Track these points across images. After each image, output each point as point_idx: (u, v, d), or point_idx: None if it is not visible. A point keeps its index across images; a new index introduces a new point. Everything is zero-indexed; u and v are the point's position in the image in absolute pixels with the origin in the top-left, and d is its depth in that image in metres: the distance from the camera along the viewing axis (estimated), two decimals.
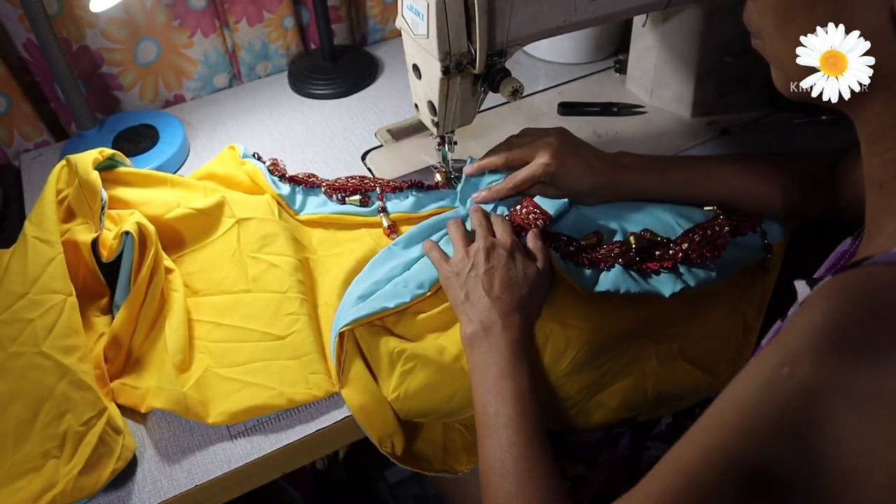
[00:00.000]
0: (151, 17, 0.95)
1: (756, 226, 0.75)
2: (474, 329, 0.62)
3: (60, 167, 0.75)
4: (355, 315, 0.65)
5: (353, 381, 0.64)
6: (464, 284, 0.65)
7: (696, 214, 0.75)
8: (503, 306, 0.63)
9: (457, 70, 0.68)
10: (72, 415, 0.59)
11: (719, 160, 0.77)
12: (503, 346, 0.61)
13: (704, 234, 0.72)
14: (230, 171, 0.83)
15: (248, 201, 0.78)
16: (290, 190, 0.82)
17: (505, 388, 0.58)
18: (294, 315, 0.68)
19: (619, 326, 0.67)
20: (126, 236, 0.67)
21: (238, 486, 0.62)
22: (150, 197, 0.77)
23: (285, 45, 1.08)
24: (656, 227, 0.74)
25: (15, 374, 0.60)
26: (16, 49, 0.91)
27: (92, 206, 0.72)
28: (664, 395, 0.70)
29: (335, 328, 0.66)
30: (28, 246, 0.67)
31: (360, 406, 0.63)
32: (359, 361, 0.66)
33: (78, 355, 0.62)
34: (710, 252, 0.71)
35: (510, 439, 0.55)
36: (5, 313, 0.63)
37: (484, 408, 0.58)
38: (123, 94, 1.00)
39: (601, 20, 0.75)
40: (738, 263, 0.72)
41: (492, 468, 0.55)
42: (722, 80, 0.91)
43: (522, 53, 1.10)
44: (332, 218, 0.80)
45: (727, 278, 0.71)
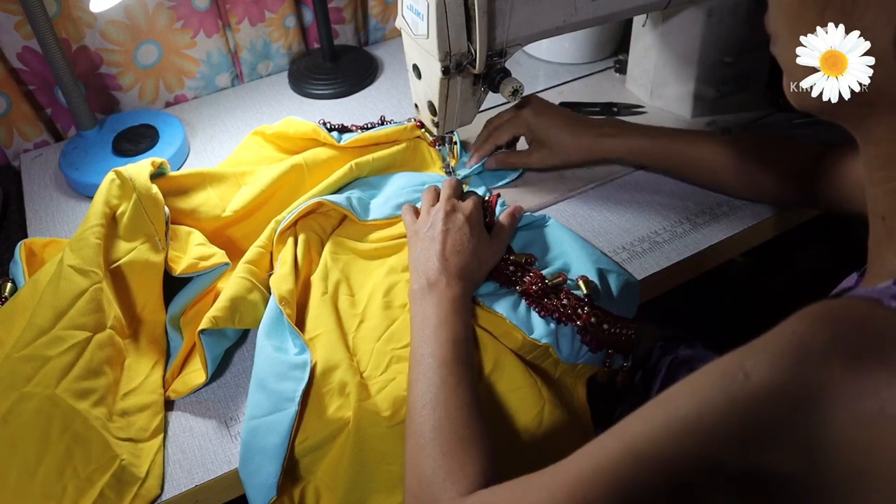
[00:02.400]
0: (153, 20, 0.95)
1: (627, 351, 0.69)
2: (420, 285, 0.65)
3: (109, 182, 0.70)
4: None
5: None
6: (420, 241, 0.69)
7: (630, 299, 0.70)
8: (450, 268, 0.66)
9: (457, 70, 0.68)
10: (71, 469, 0.56)
11: (711, 135, 0.79)
12: (444, 300, 0.63)
13: (608, 328, 0.67)
14: (258, 151, 0.86)
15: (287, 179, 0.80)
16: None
17: (441, 334, 0.61)
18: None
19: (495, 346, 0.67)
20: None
21: (238, 486, 0.62)
22: (197, 203, 0.76)
23: (287, 44, 1.08)
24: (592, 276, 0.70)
25: (22, 418, 0.56)
26: (8, 62, 0.90)
27: (155, 224, 0.69)
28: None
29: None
30: (62, 276, 0.63)
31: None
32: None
33: (93, 399, 0.59)
34: (593, 342, 0.66)
35: (443, 378, 0.57)
36: (27, 349, 0.59)
37: (419, 350, 0.60)
38: (122, 95, 1.00)
39: (601, 20, 0.75)
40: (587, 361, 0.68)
41: (421, 403, 0.57)
42: (722, 80, 0.91)
43: (522, 53, 1.10)
44: (370, 137, 0.85)
45: (569, 366, 0.67)
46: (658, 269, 0.73)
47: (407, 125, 0.87)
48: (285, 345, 0.65)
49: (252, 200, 0.77)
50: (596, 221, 0.79)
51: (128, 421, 0.61)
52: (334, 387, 0.62)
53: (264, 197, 0.78)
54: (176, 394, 0.64)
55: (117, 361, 0.63)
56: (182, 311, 0.69)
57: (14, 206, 0.89)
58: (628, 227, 0.78)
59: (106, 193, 0.69)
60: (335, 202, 0.76)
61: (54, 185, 0.90)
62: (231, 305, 0.66)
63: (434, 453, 0.53)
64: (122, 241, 0.68)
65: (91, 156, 0.89)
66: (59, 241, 0.76)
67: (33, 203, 0.87)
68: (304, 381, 0.61)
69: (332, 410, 0.61)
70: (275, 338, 0.65)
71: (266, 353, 0.64)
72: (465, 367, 0.59)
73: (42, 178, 0.91)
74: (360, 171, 0.82)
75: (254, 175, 0.80)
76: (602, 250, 0.75)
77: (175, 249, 0.71)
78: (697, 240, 0.76)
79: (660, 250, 0.76)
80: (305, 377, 0.61)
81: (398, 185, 0.82)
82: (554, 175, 0.85)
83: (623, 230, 0.78)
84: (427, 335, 0.61)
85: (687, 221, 0.79)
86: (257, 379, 0.63)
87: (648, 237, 0.77)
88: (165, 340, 0.68)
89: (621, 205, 0.81)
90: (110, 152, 0.89)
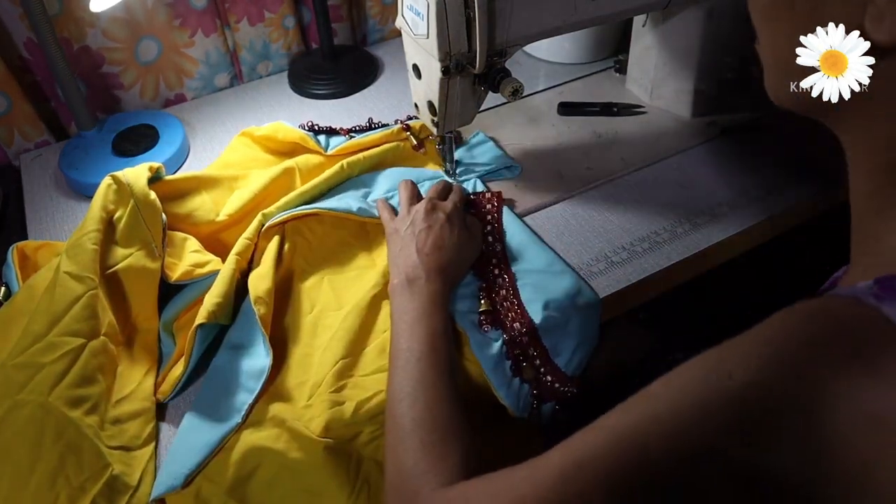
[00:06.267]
0: (152, 16, 0.95)
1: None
2: (400, 280, 0.66)
3: (106, 187, 0.69)
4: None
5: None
6: (400, 239, 0.70)
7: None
8: (430, 264, 0.66)
9: (457, 70, 0.68)
10: (64, 478, 0.55)
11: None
12: (423, 295, 0.64)
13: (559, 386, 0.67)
14: (246, 151, 0.86)
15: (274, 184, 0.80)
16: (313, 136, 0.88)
17: (420, 328, 0.61)
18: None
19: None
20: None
21: None
22: (192, 208, 0.76)
23: (286, 44, 1.08)
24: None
25: (15, 426, 0.56)
26: (17, 48, 0.91)
27: (152, 230, 0.69)
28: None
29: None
30: (58, 282, 0.62)
31: None
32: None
33: (86, 407, 0.58)
34: (546, 394, 0.67)
35: (422, 371, 0.58)
36: (21, 356, 0.59)
37: (397, 344, 0.61)
38: (124, 93, 1.00)
39: (601, 20, 0.75)
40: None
41: (400, 396, 0.56)
42: (722, 81, 0.91)
43: (522, 53, 1.10)
44: (357, 144, 0.85)
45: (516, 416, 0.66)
46: (658, 269, 0.73)
47: (394, 129, 0.88)
48: (251, 347, 0.66)
49: (245, 204, 0.77)
50: (596, 221, 0.79)
51: (120, 429, 0.60)
52: (276, 414, 0.61)
53: (257, 201, 0.78)
54: (163, 395, 0.64)
55: (110, 369, 0.63)
56: (175, 317, 0.68)
57: (14, 207, 0.89)
58: (628, 227, 0.78)
59: (103, 198, 0.69)
60: (334, 209, 0.75)
61: (54, 185, 0.90)
62: (225, 302, 0.66)
63: (414, 446, 0.53)
64: (118, 247, 0.68)
65: (91, 156, 0.89)
66: (51, 244, 0.76)
67: (33, 203, 0.87)
68: (255, 394, 0.62)
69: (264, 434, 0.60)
70: (242, 336, 0.66)
71: (228, 352, 0.65)
72: (444, 361, 0.59)
73: (42, 178, 0.91)
74: (352, 171, 0.82)
75: (247, 179, 0.80)
76: (602, 250, 0.75)
77: (171, 256, 0.70)
78: (697, 240, 0.76)
79: (660, 250, 0.76)
80: (258, 388, 0.62)
81: (393, 182, 0.82)
82: (554, 175, 0.85)
83: (623, 230, 0.78)
84: (406, 329, 0.61)
85: (687, 221, 0.79)
86: (214, 371, 0.64)
87: (648, 237, 0.77)
88: (158, 348, 0.68)
89: (621, 205, 0.81)
90: (110, 152, 0.89)
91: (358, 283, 0.72)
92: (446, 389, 0.57)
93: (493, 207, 0.78)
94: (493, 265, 0.72)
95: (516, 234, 0.75)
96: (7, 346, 0.61)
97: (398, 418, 0.55)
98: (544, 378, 0.66)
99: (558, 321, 0.67)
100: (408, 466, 0.52)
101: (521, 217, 0.79)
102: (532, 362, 0.67)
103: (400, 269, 0.67)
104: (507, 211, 0.78)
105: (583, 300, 0.69)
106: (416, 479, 0.51)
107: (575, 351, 0.68)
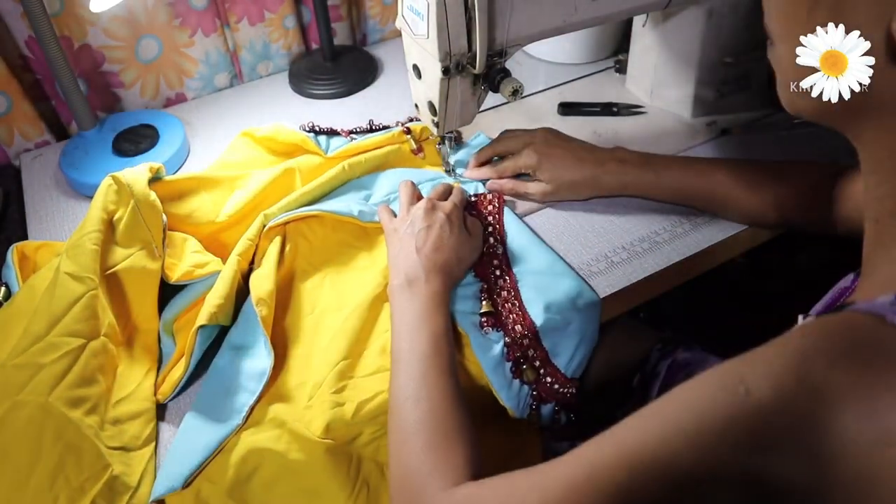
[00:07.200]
0: (153, 15, 0.95)
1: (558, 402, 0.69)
2: (400, 281, 0.66)
3: (107, 187, 0.69)
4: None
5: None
6: (399, 240, 0.70)
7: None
8: (429, 264, 0.66)
9: (457, 70, 0.68)
10: (63, 478, 0.55)
11: (716, 164, 0.77)
12: (424, 296, 0.64)
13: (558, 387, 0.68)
14: (247, 152, 0.86)
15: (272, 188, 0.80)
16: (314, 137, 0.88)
17: (421, 329, 0.61)
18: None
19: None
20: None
21: None
22: (192, 208, 0.76)
23: (286, 44, 1.08)
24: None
25: (15, 426, 0.56)
26: (18, 46, 0.91)
27: (152, 230, 0.69)
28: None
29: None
30: (58, 282, 0.63)
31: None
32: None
33: (86, 407, 0.58)
34: (546, 395, 0.67)
35: (424, 372, 0.58)
36: (21, 356, 0.59)
37: (399, 345, 0.61)
38: (124, 92, 1.00)
39: (601, 20, 0.75)
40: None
41: (404, 398, 0.57)
42: (722, 80, 0.91)
43: (522, 53, 1.10)
44: (357, 147, 0.85)
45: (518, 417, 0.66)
46: (658, 269, 0.73)
47: (394, 132, 0.88)
48: (252, 347, 0.65)
49: (245, 205, 0.77)
50: (596, 221, 0.79)
51: (120, 429, 0.60)
52: (277, 416, 0.61)
53: (257, 201, 0.78)
54: (163, 395, 0.64)
55: (110, 369, 0.63)
56: (175, 318, 0.68)
57: (14, 206, 0.88)
58: (628, 227, 0.78)
59: (103, 199, 0.69)
60: (335, 211, 0.75)
61: (54, 184, 0.90)
62: (227, 303, 0.66)
63: (418, 447, 0.53)
64: (118, 248, 0.68)
65: (91, 155, 0.89)
66: (51, 244, 0.76)
67: (33, 203, 0.87)
68: (256, 395, 0.62)
69: (265, 436, 0.60)
70: (243, 337, 0.66)
71: (229, 353, 0.65)
72: (446, 361, 0.59)
73: (42, 177, 0.91)
74: (353, 172, 0.82)
75: (247, 179, 0.80)
76: (602, 250, 0.75)
77: (171, 256, 0.70)
78: (697, 240, 0.76)
79: (660, 250, 0.76)
80: (258, 389, 0.62)
81: (394, 184, 0.82)
82: None
83: (623, 230, 0.78)
84: (407, 330, 0.61)
85: (687, 221, 0.79)
86: (215, 372, 0.64)
87: (648, 237, 0.77)
88: (158, 348, 0.68)
89: (621, 205, 0.81)
90: (110, 152, 0.89)
91: (359, 284, 0.72)
92: (449, 390, 0.57)
93: (495, 209, 0.78)
94: (495, 267, 0.72)
95: (517, 236, 0.75)
96: (7, 346, 0.61)
97: (402, 420, 0.55)
98: (544, 379, 0.67)
99: (559, 323, 0.67)
100: (412, 467, 0.52)
101: (522, 217, 0.79)
102: (532, 364, 0.67)
103: (399, 270, 0.67)
104: (508, 212, 0.78)
105: (583, 301, 0.69)
106: (421, 479, 0.51)
107: (575, 352, 0.68)
